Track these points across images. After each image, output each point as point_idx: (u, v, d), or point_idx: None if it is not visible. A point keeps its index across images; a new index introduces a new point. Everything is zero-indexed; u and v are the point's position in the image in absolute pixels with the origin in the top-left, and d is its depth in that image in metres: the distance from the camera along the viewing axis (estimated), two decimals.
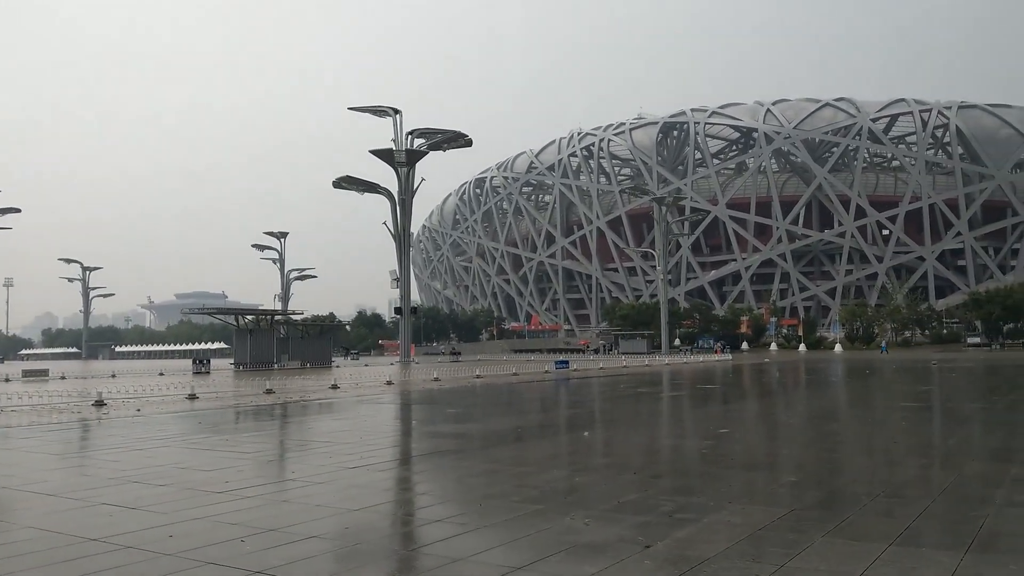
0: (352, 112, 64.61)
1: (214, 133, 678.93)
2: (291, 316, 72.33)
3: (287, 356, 54.32)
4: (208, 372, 46.08)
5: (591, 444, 14.32)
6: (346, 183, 60.31)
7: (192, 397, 24.75)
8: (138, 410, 20.90)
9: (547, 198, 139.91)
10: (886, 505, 8.50)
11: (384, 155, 59.44)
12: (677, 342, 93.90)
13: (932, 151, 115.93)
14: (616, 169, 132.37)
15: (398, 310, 63.07)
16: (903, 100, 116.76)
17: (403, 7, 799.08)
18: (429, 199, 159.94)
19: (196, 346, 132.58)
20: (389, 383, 31.75)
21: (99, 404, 21.86)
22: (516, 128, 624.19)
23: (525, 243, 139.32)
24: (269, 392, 26.74)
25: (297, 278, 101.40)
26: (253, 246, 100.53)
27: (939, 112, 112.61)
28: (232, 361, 55.98)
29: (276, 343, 54.49)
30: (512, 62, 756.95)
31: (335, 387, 29.35)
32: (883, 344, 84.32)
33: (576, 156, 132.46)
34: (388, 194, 61.26)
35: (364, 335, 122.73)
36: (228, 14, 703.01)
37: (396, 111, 61.37)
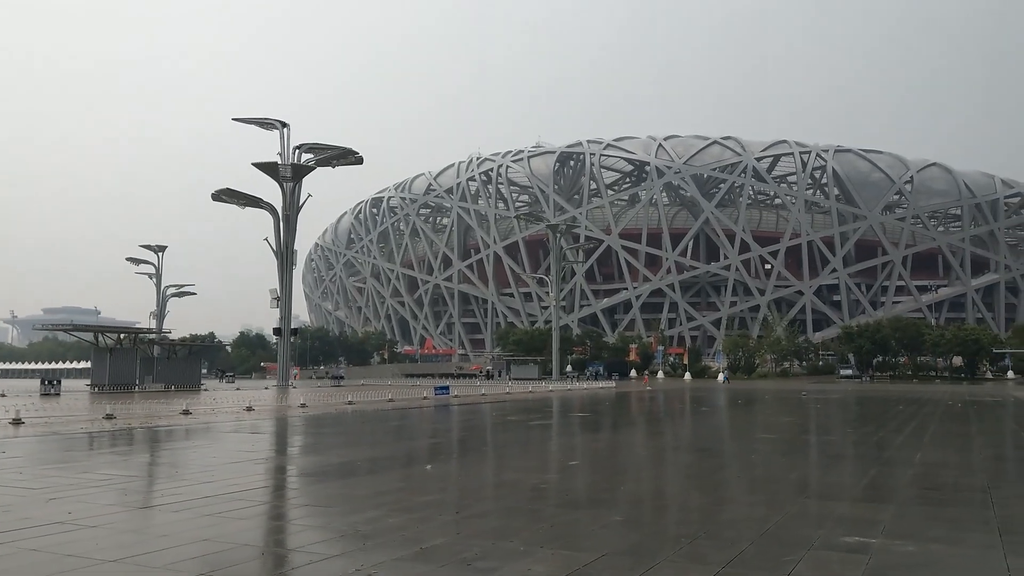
0: (238, 124, 62.23)
1: (87, 138, 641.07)
2: (165, 335, 68.51)
3: (151, 378, 51.05)
4: (58, 394, 42.61)
5: (428, 479, 13.44)
6: (226, 196, 57.76)
7: (17, 422, 22.53)
8: None
9: (445, 221, 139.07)
10: (702, 548, 8.05)
11: (268, 169, 57.32)
12: (569, 368, 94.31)
13: (811, 191, 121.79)
14: (514, 195, 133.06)
15: (277, 331, 60.58)
16: (785, 141, 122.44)
17: (302, 25, 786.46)
18: (321, 216, 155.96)
19: (60, 365, 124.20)
20: (249, 409, 29.92)
21: None
22: (414, 151, 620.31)
23: (421, 265, 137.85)
24: (109, 417, 24.71)
25: (175, 294, 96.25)
26: (128, 259, 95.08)
27: (817, 154, 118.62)
28: (89, 382, 52.24)
29: (139, 364, 51.08)
30: (411, 86, 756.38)
31: (186, 413, 27.43)
32: (724, 374, 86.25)
33: (475, 180, 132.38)
34: (271, 209, 59.03)
35: (246, 356, 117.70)
36: (104, 15, 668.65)
37: (284, 124, 59.41)
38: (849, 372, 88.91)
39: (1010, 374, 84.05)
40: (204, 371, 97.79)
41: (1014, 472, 14.83)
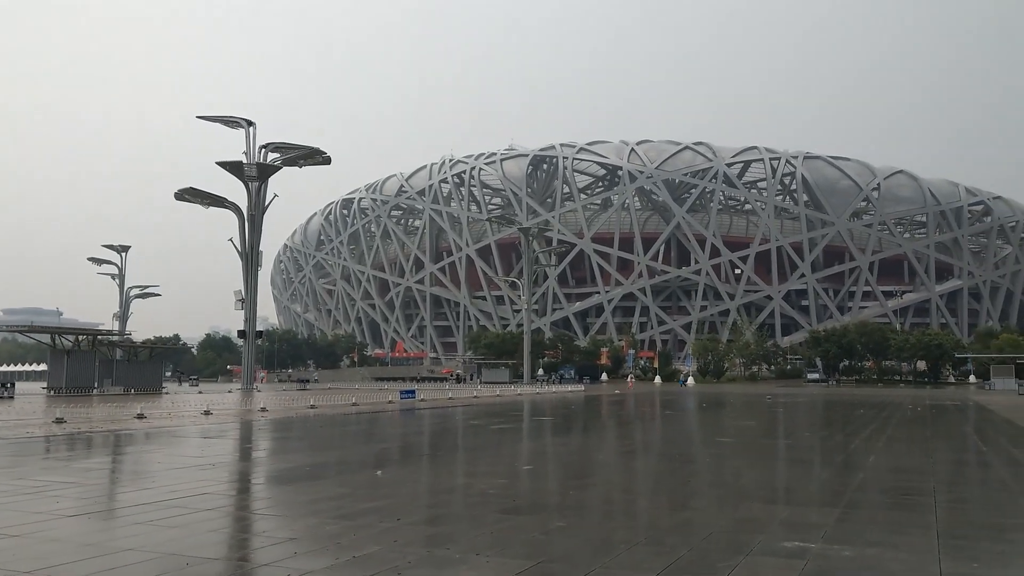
0: (203, 122, 61.46)
1: (48, 134, 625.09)
2: (127, 336, 67.37)
3: (110, 381, 50.10)
4: (11, 397, 41.58)
5: (376, 485, 13.18)
6: (190, 195, 56.98)
7: None
8: None
9: (416, 223, 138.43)
10: (640, 555, 7.94)
11: (234, 168, 56.58)
12: (541, 372, 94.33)
13: (780, 197, 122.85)
14: (487, 198, 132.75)
15: (242, 333, 59.77)
16: (755, 148, 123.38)
17: (272, 25, 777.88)
18: (291, 217, 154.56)
19: (20, 367, 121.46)
20: (207, 413, 29.40)
21: None
22: (385, 153, 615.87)
23: (393, 268, 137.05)
24: (59, 421, 24.13)
25: (139, 295, 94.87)
26: (89, 259, 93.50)
27: (787, 161, 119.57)
28: (46, 385, 51.23)
29: (98, 366, 50.10)
30: (384, 87, 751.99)
31: (141, 417, 26.89)
32: (681, 378, 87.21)
33: (447, 183, 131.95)
34: (236, 209, 58.26)
35: (212, 359, 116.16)
36: (66, 9, 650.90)
37: (250, 123, 58.66)
38: (816, 376, 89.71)
39: (972, 378, 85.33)
40: (168, 374, 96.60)
41: (963, 476, 14.92)
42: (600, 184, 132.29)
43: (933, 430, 25.00)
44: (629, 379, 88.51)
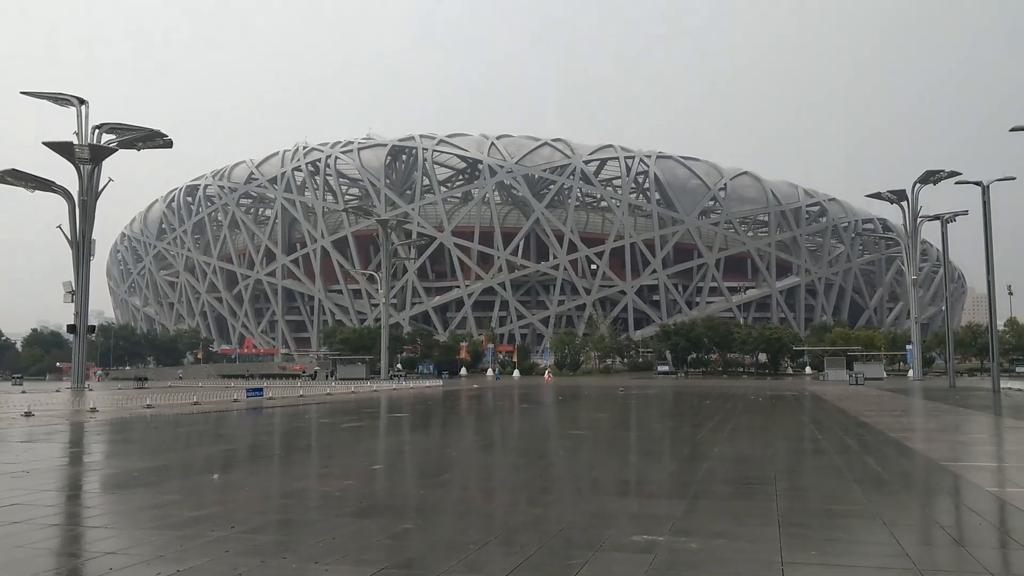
0: (28, 98, 56.29)
1: None
2: None
3: None
4: None
5: (210, 490, 12.28)
6: (12, 177, 51.98)
7: None
8: None
9: (268, 212, 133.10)
10: (489, 555, 7.70)
11: (63, 149, 52.11)
12: (399, 367, 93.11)
13: (634, 195, 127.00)
14: (343, 188, 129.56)
15: (72, 327, 55.22)
16: (611, 146, 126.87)
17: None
18: (130, 204, 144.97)
19: None
20: (28, 414, 26.85)
21: None
22: (233, 138, 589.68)
23: (241, 259, 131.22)
24: None
25: None
26: None
27: (641, 160, 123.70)
28: None
29: None
30: (230, 72, 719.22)
31: None
32: (495, 370, 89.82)
33: (301, 171, 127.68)
34: (66, 194, 53.72)
35: (39, 356, 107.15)
36: None
37: (82, 100, 54.17)
38: (666, 368, 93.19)
39: (808, 370, 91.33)
40: None
41: (800, 464, 15.65)
42: (460, 177, 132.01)
43: (773, 419, 26.35)
44: (548, 372, 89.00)
